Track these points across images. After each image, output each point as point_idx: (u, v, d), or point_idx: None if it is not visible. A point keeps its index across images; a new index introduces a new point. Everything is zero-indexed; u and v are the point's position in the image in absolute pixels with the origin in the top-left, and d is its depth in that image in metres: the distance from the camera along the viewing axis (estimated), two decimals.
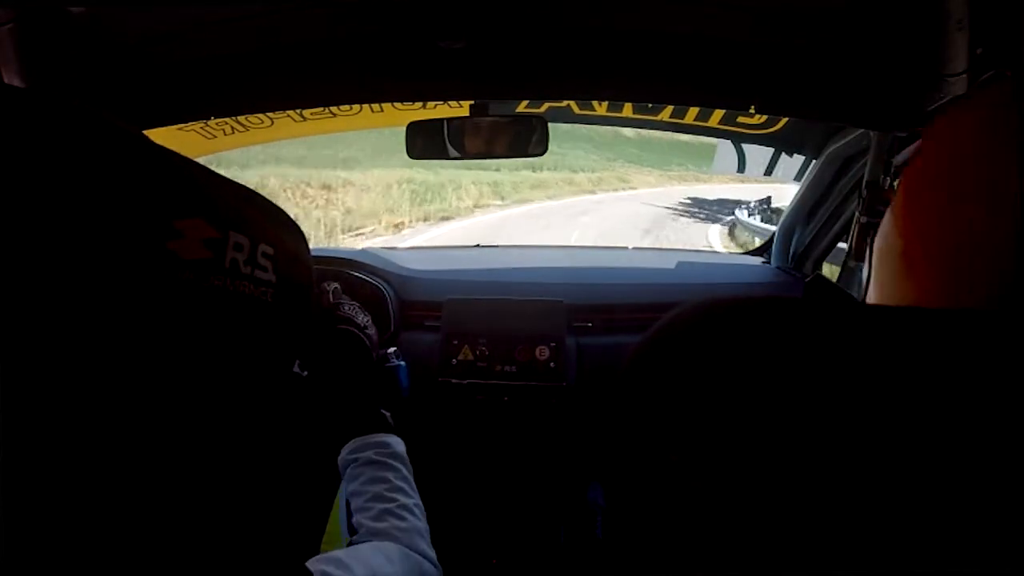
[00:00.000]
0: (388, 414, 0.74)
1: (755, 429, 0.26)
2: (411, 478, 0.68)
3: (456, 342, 1.26)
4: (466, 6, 0.78)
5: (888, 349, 0.27)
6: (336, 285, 0.87)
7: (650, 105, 1.42)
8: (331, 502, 0.85)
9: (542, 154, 1.06)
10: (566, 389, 1.23)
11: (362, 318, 0.83)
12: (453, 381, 1.24)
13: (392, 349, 0.96)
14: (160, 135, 0.90)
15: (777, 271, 1.53)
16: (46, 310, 0.30)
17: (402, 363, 0.96)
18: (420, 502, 0.65)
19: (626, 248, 1.87)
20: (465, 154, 1.08)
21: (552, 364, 1.24)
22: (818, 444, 0.26)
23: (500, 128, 1.07)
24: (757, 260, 1.64)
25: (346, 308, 0.83)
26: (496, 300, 1.29)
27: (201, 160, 0.38)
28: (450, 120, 1.07)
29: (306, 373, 0.86)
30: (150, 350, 0.32)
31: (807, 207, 1.42)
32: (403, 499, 0.63)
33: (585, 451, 1.28)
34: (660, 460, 0.28)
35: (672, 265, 1.53)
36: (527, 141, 1.05)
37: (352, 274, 1.34)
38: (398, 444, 0.70)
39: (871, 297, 0.39)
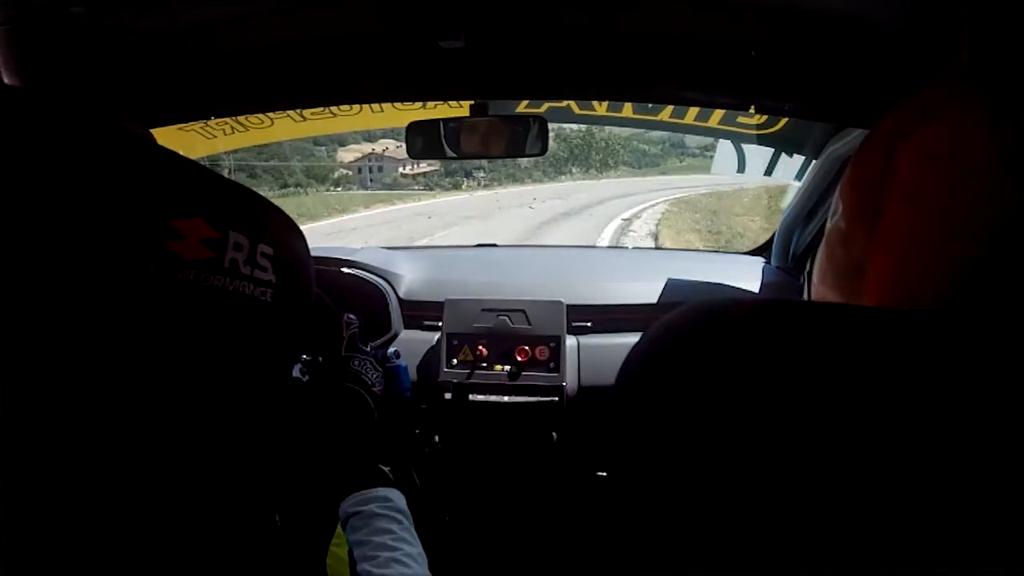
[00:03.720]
0: (388, 468, 0.75)
1: (756, 436, 0.26)
2: (413, 529, 0.70)
3: (456, 342, 1.26)
4: (466, 6, 0.78)
5: (893, 354, 0.27)
6: (357, 326, 0.85)
7: (650, 105, 1.42)
8: (321, 540, 0.85)
9: (541, 153, 1.06)
10: (566, 389, 1.23)
11: (372, 374, 0.82)
12: (453, 381, 1.24)
13: (392, 349, 0.96)
14: (160, 135, 0.91)
15: (777, 271, 1.52)
16: (43, 308, 0.30)
17: (402, 363, 0.96)
18: (423, 551, 0.68)
19: (626, 248, 1.86)
20: (462, 154, 1.08)
21: (552, 364, 1.24)
22: (820, 448, 0.26)
23: (498, 128, 1.06)
24: (757, 260, 1.63)
25: (356, 363, 0.82)
26: (496, 300, 1.29)
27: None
28: (447, 120, 1.07)
29: (307, 378, 0.85)
30: (149, 349, 0.32)
31: (807, 207, 1.42)
32: (407, 548, 0.66)
33: (585, 451, 1.28)
34: (659, 467, 0.28)
35: (672, 265, 1.53)
36: (525, 141, 1.05)
37: (352, 273, 1.35)
38: (399, 499, 0.72)
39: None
